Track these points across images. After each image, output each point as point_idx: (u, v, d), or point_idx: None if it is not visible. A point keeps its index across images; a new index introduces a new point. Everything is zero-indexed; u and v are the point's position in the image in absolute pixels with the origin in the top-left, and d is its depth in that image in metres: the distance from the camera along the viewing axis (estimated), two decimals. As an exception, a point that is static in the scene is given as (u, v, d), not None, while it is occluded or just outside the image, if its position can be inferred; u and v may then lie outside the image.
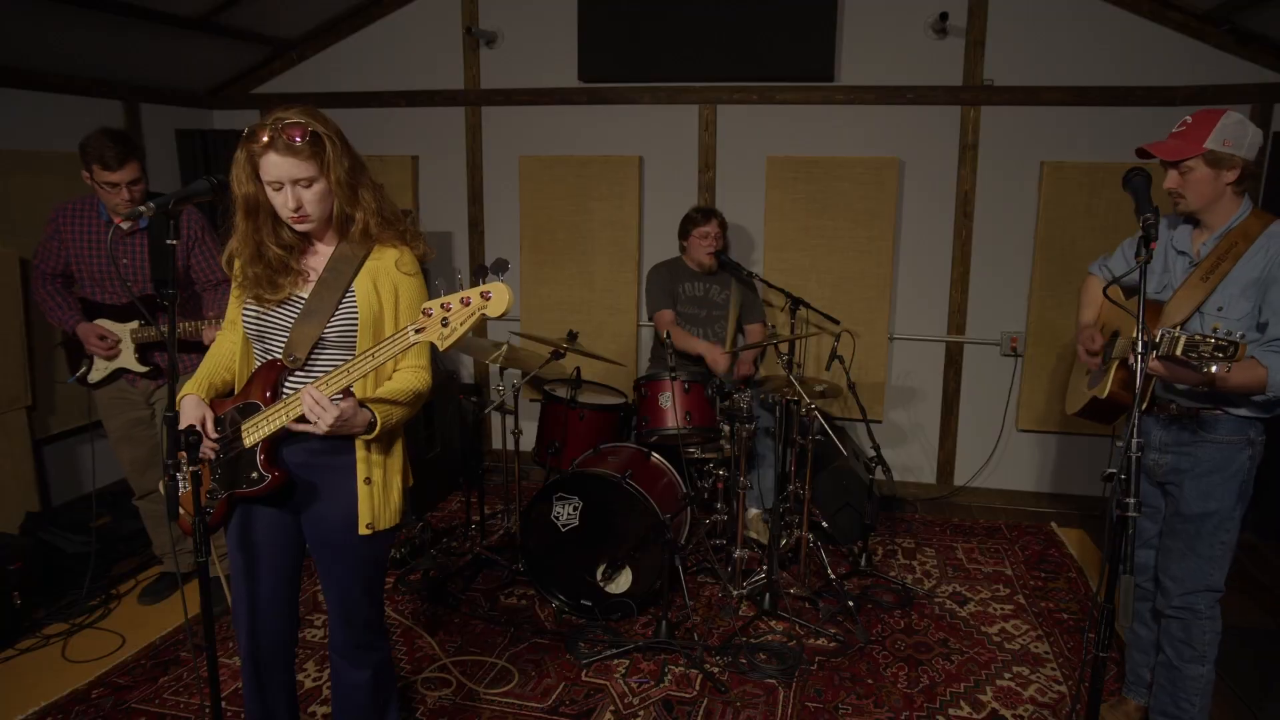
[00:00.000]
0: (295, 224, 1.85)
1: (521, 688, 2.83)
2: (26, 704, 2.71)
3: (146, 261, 3.08)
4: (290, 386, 1.90)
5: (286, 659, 2.12)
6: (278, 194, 1.81)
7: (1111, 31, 3.97)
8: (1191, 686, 2.33)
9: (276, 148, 1.75)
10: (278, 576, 2.02)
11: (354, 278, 1.90)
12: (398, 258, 1.94)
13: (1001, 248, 4.26)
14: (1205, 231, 2.28)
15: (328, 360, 1.91)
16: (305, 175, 1.79)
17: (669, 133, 4.48)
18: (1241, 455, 2.24)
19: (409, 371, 1.93)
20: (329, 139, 1.81)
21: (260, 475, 1.88)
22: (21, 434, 3.64)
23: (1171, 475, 2.33)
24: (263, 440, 1.87)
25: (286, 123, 1.77)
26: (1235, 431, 2.22)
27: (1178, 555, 2.32)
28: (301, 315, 1.88)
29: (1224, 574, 2.31)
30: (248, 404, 1.89)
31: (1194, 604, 2.31)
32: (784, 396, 3.35)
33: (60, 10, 3.50)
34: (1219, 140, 2.13)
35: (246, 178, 1.81)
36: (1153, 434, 2.34)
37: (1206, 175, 2.17)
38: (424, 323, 1.69)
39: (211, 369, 2.03)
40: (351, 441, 1.92)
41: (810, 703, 2.76)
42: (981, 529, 4.18)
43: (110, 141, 2.85)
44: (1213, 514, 2.26)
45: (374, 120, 4.73)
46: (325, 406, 1.73)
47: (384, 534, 2.00)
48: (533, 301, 4.73)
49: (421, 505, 4.25)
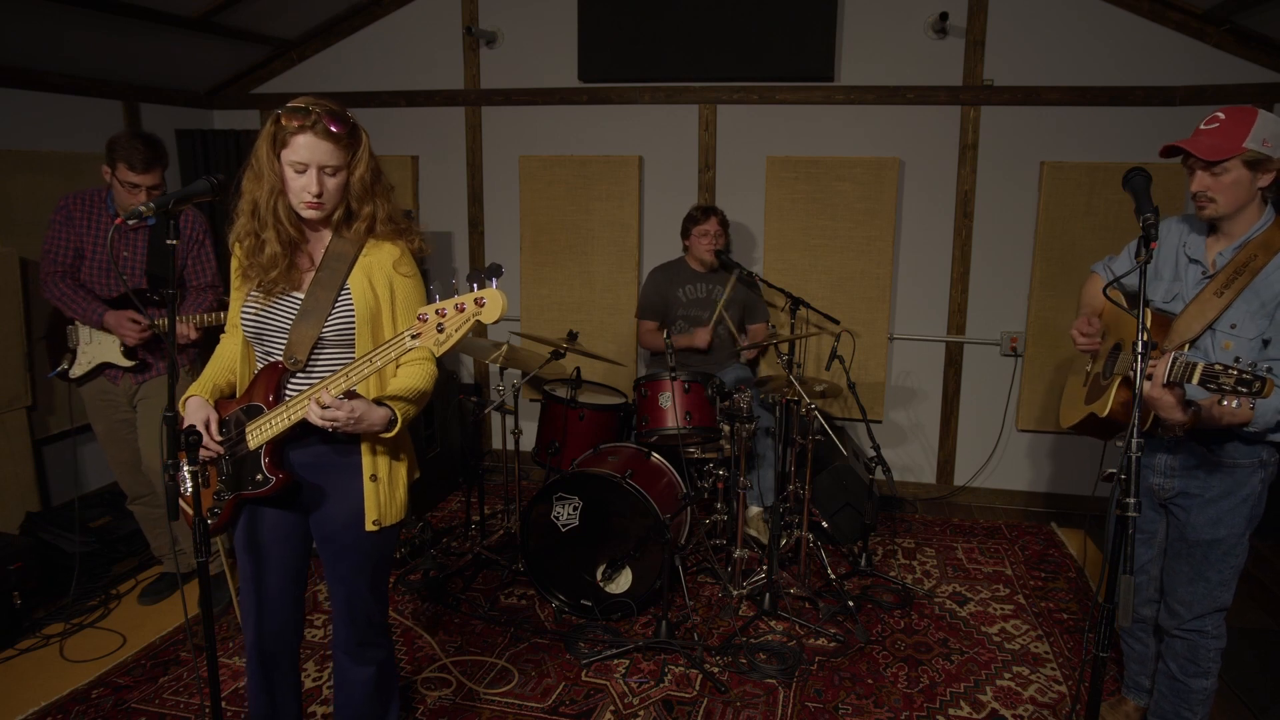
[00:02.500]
0: (308, 209, 1.85)
1: (521, 688, 2.83)
2: (26, 704, 2.71)
3: (144, 257, 3.10)
4: (292, 388, 1.91)
5: (292, 657, 2.13)
6: (299, 176, 1.81)
7: (1111, 31, 3.97)
8: (1195, 698, 2.29)
9: (316, 131, 1.76)
10: (285, 576, 2.03)
11: (348, 275, 1.90)
12: (396, 258, 1.94)
13: (1001, 248, 4.26)
14: (1223, 240, 2.11)
15: (328, 360, 1.91)
16: (334, 164, 1.81)
17: (669, 132, 4.48)
18: (1254, 478, 2.12)
19: (415, 365, 1.94)
20: (365, 135, 1.87)
21: (265, 477, 1.88)
22: (21, 434, 3.64)
23: (1178, 499, 2.21)
24: (267, 443, 1.87)
25: (330, 109, 1.79)
26: (1248, 454, 2.09)
27: (1185, 580, 2.22)
28: (299, 316, 1.88)
29: (1232, 593, 2.21)
30: (251, 406, 1.89)
31: (1203, 626, 2.23)
32: (784, 396, 3.35)
33: (60, 10, 3.50)
34: (1259, 139, 1.95)
35: (268, 155, 1.81)
36: (1158, 457, 2.21)
37: (1244, 177, 1.99)
38: (420, 328, 1.70)
39: (215, 371, 2.03)
40: (357, 440, 1.92)
41: (810, 703, 2.76)
42: (981, 529, 4.18)
43: (141, 144, 2.89)
44: (1222, 540, 2.15)
45: (374, 120, 4.70)
46: (334, 406, 1.73)
47: (390, 529, 2.00)
48: (533, 301, 4.73)
49: (421, 505, 4.25)
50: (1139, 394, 1.69)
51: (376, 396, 1.87)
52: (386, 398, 1.86)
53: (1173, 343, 2.09)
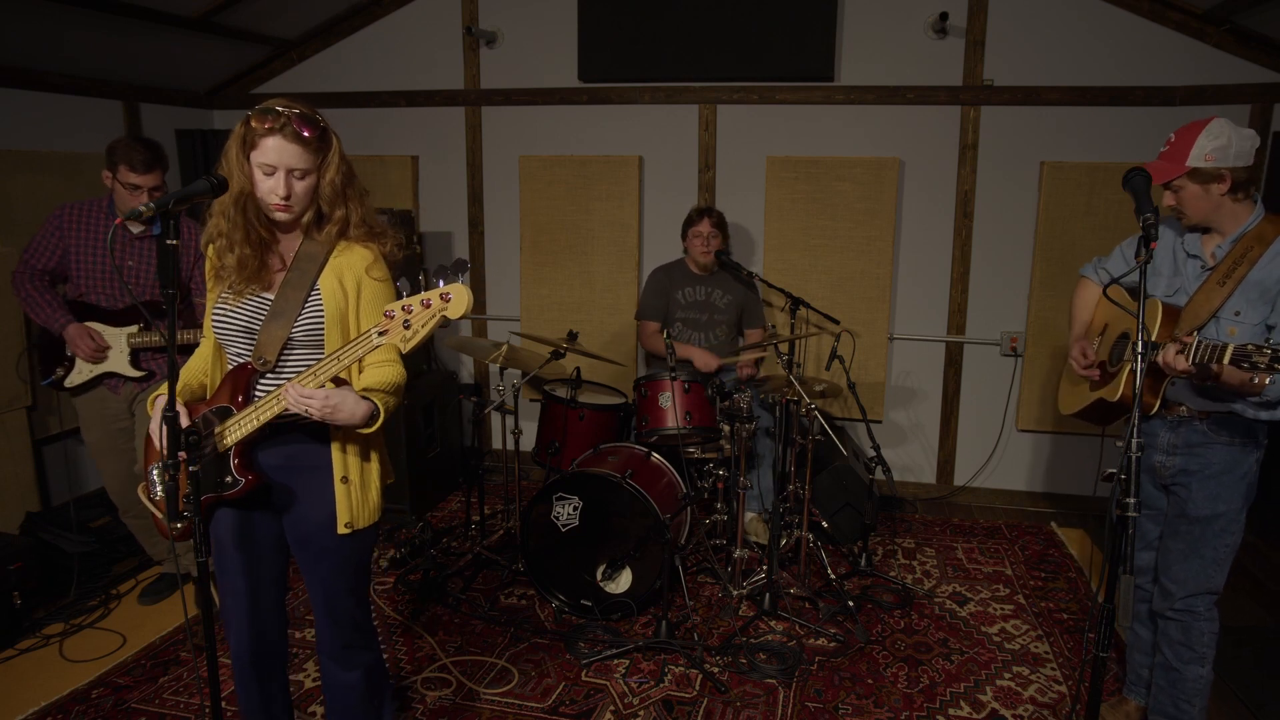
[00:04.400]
0: (277, 211, 1.84)
1: (521, 688, 2.83)
2: (26, 704, 2.71)
3: (153, 267, 3.08)
4: (261, 389, 1.90)
5: (278, 660, 2.12)
6: (268, 178, 1.81)
7: (1111, 31, 3.97)
8: (1191, 688, 2.33)
9: (284, 133, 1.77)
10: (263, 579, 2.02)
11: (318, 276, 1.90)
12: (369, 262, 1.93)
13: (1001, 248, 4.26)
14: (1217, 237, 2.25)
15: (297, 361, 1.90)
16: (303, 167, 1.81)
17: (669, 133, 4.48)
18: (1250, 457, 2.23)
19: (384, 366, 1.91)
20: (336, 139, 1.86)
21: (235, 479, 1.87)
22: (21, 434, 3.64)
23: (1179, 477, 2.30)
24: (236, 444, 1.86)
25: (299, 113, 1.79)
26: (1246, 433, 2.21)
27: (1180, 557, 2.31)
28: (268, 317, 1.88)
29: (1225, 576, 2.29)
30: (220, 408, 1.88)
31: (1194, 606, 2.30)
32: (784, 396, 3.35)
33: (60, 10, 3.50)
34: (1199, 158, 2.13)
35: (237, 156, 1.81)
36: (1160, 436, 2.32)
37: (1196, 191, 2.18)
38: (386, 325, 1.70)
39: (189, 373, 2.03)
40: (328, 442, 1.91)
41: (810, 703, 2.76)
42: (981, 529, 4.18)
43: (141, 146, 2.92)
44: (1220, 516, 2.24)
45: (374, 120, 4.73)
46: (308, 394, 1.73)
47: (364, 532, 1.98)
48: (533, 301, 4.73)
49: (421, 505, 4.25)
50: (1139, 394, 1.72)
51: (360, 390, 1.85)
52: (368, 390, 1.85)
53: (1184, 329, 2.21)
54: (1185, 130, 2.18)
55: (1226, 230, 2.22)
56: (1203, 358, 1.96)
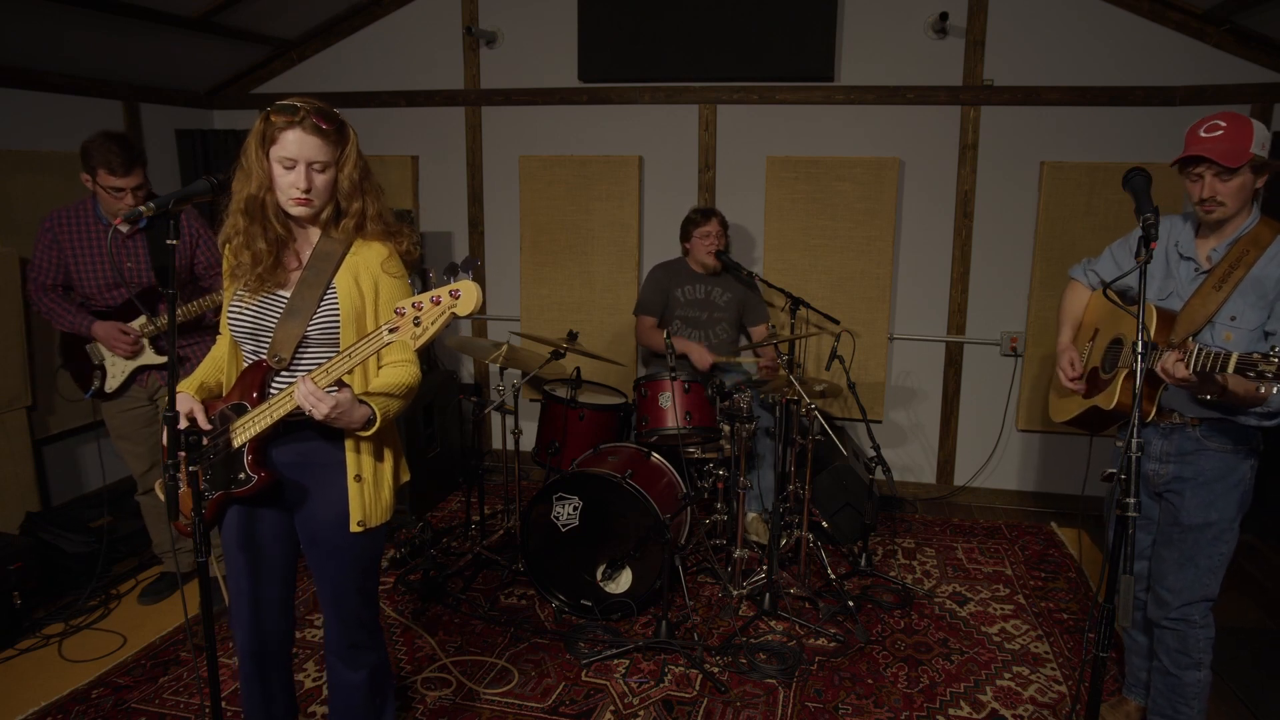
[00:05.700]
0: (297, 206, 1.85)
1: (521, 688, 2.83)
2: (26, 704, 2.71)
3: (147, 259, 3.07)
4: (276, 386, 1.90)
5: (284, 658, 2.13)
6: (288, 172, 1.82)
7: (1111, 31, 3.97)
8: (1189, 691, 2.31)
9: (304, 126, 1.78)
10: (273, 576, 2.02)
11: (334, 274, 1.90)
12: (384, 258, 1.94)
13: (1001, 248, 4.26)
14: (1215, 238, 2.19)
15: (312, 359, 1.91)
16: (322, 159, 1.82)
17: (669, 133, 4.48)
18: (1244, 464, 2.19)
19: (398, 366, 1.93)
20: (353, 133, 1.89)
21: (248, 476, 1.88)
22: (21, 434, 3.64)
23: (1172, 484, 2.26)
24: (250, 441, 1.87)
25: (318, 106, 1.82)
26: (1239, 440, 2.17)
27: (1175, 566, 2.26)
28: (284, 315, 1.88)
29: (1219, 583, 2.25)
30: (236, 405, 1.89)
31: (1190, 615, 2.26)
32: (784, 396, 3.35)
33: (60, 10, 3.50)
34: (1259, 145, 2.05)
35: (256, 153, 1.82)
36: (1153, 443, 2.27)
37: (1247, 181, 2.09)
38: (397, 322, 1.70)
39: (206, 370, 2.04)
40: (341, 440, 1.92)
41: (810, 703, 2.76)
42: (981, 529, 4.18)
43: (117, 147, 2.84)
44: (1214, 524, 2.20)
45: (374, 120, 4.73)
46: (320, 397, 1.74)
47: (376, 531, 1.99)
48: (533, 301, 4.73)
49: (421, 505, 4.25)
50: (1138, 395, 1.71)
51: (359, 394, 1.86)
52: (368, 395, 1.86)
53: (1179, 334, 2.15)
54: (1237, 119, 2.07)
55: (1229, 231, 2.16)
56: (1204, 366, 1.89)
